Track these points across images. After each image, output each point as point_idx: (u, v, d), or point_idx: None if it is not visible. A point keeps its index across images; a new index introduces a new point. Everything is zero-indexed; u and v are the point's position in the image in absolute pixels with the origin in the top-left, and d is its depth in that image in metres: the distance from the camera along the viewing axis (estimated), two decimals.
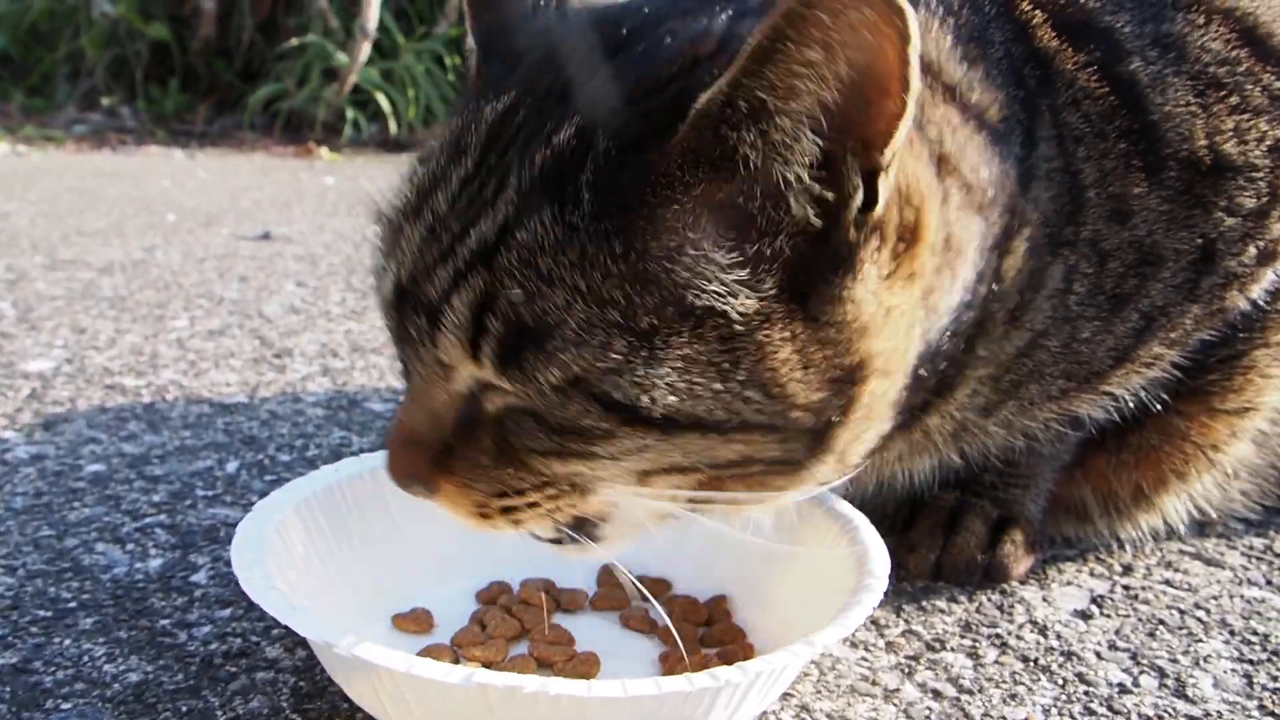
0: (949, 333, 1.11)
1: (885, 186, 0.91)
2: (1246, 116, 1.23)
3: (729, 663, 1.10)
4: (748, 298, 0.93)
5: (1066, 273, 1.21)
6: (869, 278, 0.95)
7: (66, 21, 7.22)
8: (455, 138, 1.03)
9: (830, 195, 0.91)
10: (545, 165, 0.94)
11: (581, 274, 0.91)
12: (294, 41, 6.56)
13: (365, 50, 6.27)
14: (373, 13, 6.13)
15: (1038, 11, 1.22)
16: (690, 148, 0.89)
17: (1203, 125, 1.21)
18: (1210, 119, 1.22)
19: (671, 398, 0.93)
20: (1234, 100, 1.23)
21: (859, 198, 0.91)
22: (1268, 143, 1.23)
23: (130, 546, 1.48)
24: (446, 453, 1.03)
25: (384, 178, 1.10)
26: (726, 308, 0.93)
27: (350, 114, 6.62)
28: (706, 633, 1.27)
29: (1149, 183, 1.21)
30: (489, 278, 0.93)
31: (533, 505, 1.04)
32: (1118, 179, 1.21)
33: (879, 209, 0.92)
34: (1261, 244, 1.26)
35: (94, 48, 7.06)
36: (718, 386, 0.94)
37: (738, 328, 0.93)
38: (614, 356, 0.92)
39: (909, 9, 0.81)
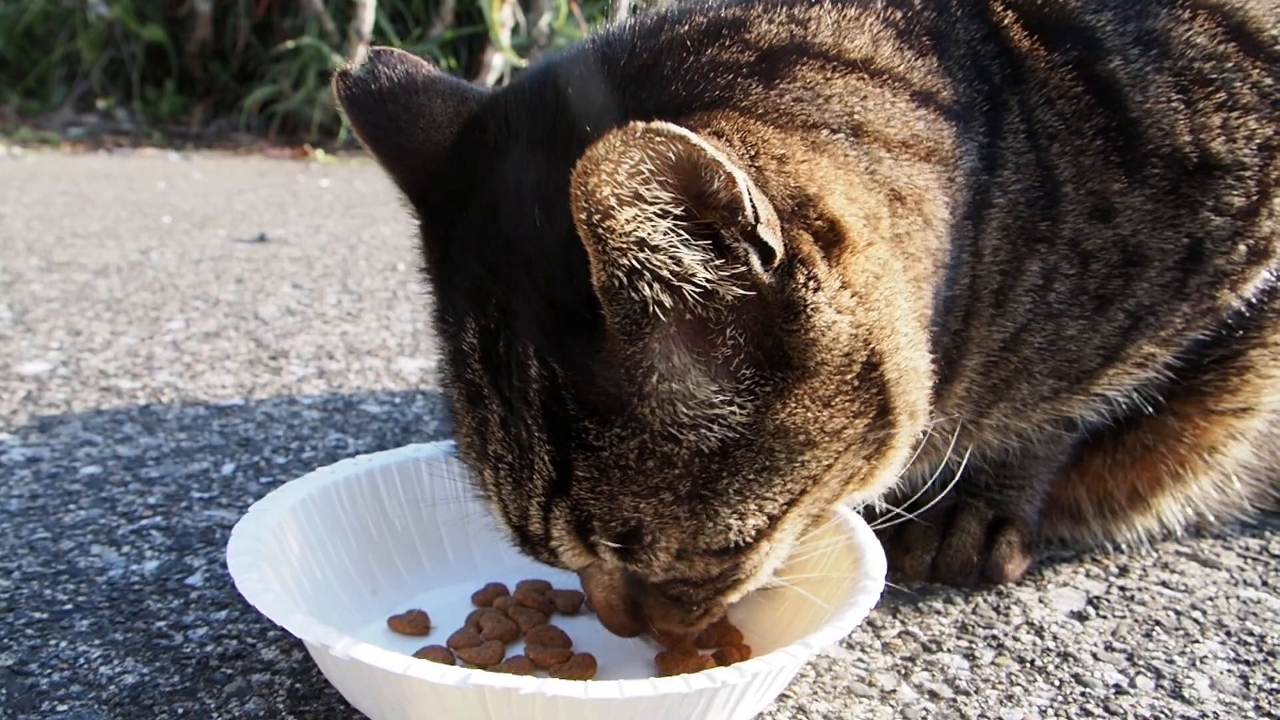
0: (946, 295, 1.14)
1: (768, 232, 0.91)
2: (1235, 113, 1.22)
3: (725, 663, 1.11)
4: (741, 403, 0.96)
5: (1045, 271, 1.22)
6: (820, 302, 0.96)
7: (62, 24, 7.22)
8: (460, 372, 1.07)
9: (738, 268, 0.91)
10: (543, 403, 0.99)
11: (626, 480, 0.98)
12: (289, 44, 6.56)
13: (361, 52, 6.26)
14: (368, 15, 6.13)
15: (1009, 12, 1.23)
16: (621, 323, 0.91)
17: (1187, 122, 1.21)
18: (1196, 116, 1.22)
19: (752, 519, 1.01)
20: (1221, 97, 1.22)
21: (755, 257, 0.91)
22: (1257, 140, 1.23)
23: (126, 549, 1.48)
24: (638, 604, 1.15)
25: (379, 179, 1.11)
26: (734, 427, 0.97)
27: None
28: (702, 633, 1.27)
29: (1129, 180, 1.21)
30: (569, 506, 1.01)
31: (715, 603, 1.13)
32: (1096, 176, 1.21)
33: (778, 251, 0.92)
34: (1251, 241, 1.26)
35: (90, 50, 7.06)
36: (778, 479, 1.01)
37: (751, 434, 0.98)
38: (690, 523, 1.00)
39: (658, 125, 0.82)
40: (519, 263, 1.00)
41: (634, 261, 0.87)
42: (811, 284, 0.95)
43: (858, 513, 1.28)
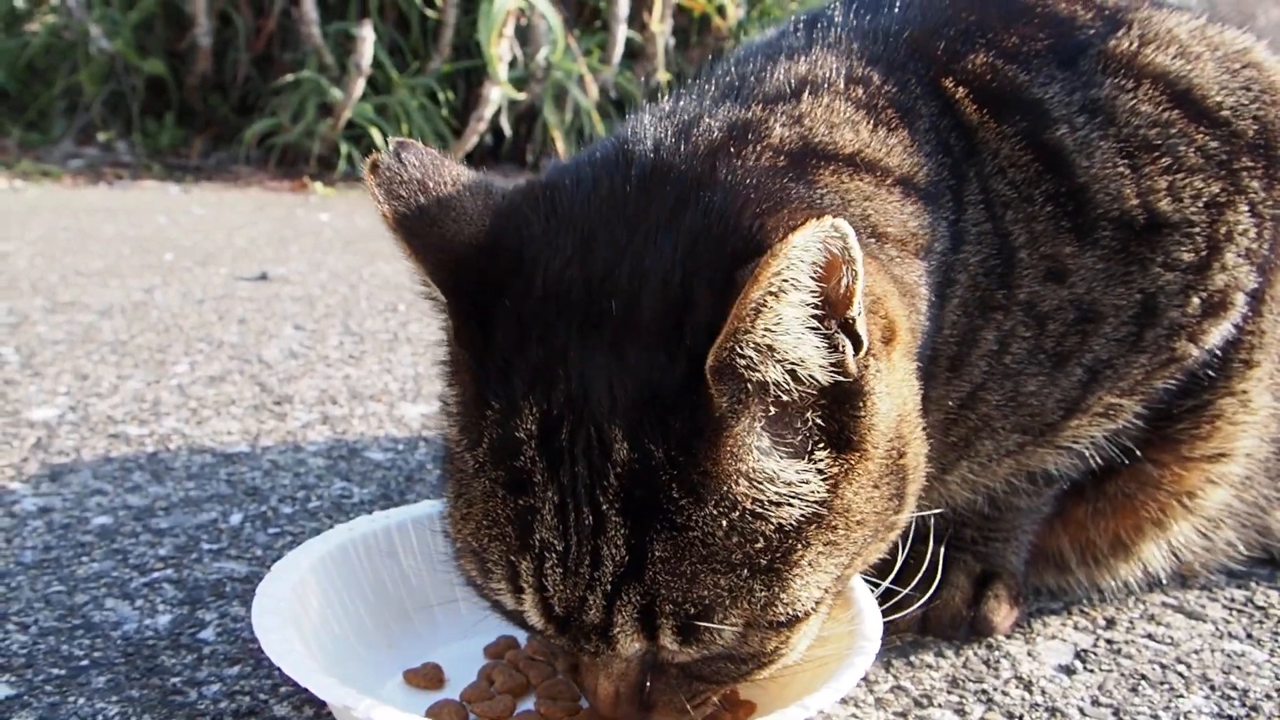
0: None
1: (863, 326, 0.98)
2: (1181, 175, 1.29)
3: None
4: (817, 481, 1.01)
5: (1000, 337, 1.29)
6: (880, 390, 1.03)
7: (64, 57, 7.26)
8: (501, 459, 1.04)
9: (837, 357, 0.98)
10: (628, 487, 0.99)
11: (710, 557, 1.00)
12: (289, 77, 6.61)
13: (359, 86, 6.31)
14: (367, 48, 6.18)
15: (960, 88, 1.30)
16: (729, 404, 0.96)
17: (1133, 185, 1.28)
18: (1142, 179, 1.28)
19: (814, 590, 1.05)
20: (1166, 161, 1.29)
21: (849, 348, 0.98)
22: (1204, 199, 1.30)
23: (139, 602, 1.52)
24: (644, 690, 1.13)
25: (378, 214, 1.11)
26: (810, 504, 1.02)
27: (345, 149, 6.67)
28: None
29: (1080, 243, 1.28)
30: (642, 590, 1.01)
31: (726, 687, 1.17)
32: (1048, 240, 1.28)
33: (865, 343, 0.99)
34: (1205, 294, 1.32)
35: (91, 83, 7.10)
36: (837, 553, 1.05)
37: (823, 510, 1.02)
38: (763, 596, 1.02)
39: (840, 223, 0.89)
40: (602, 350, 1.00)
41: (771, 341, 0.93)
42: (877, 374, 1.03)
43: None
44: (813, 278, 0.92)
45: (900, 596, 1.32)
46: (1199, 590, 1.67)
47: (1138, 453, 1.43)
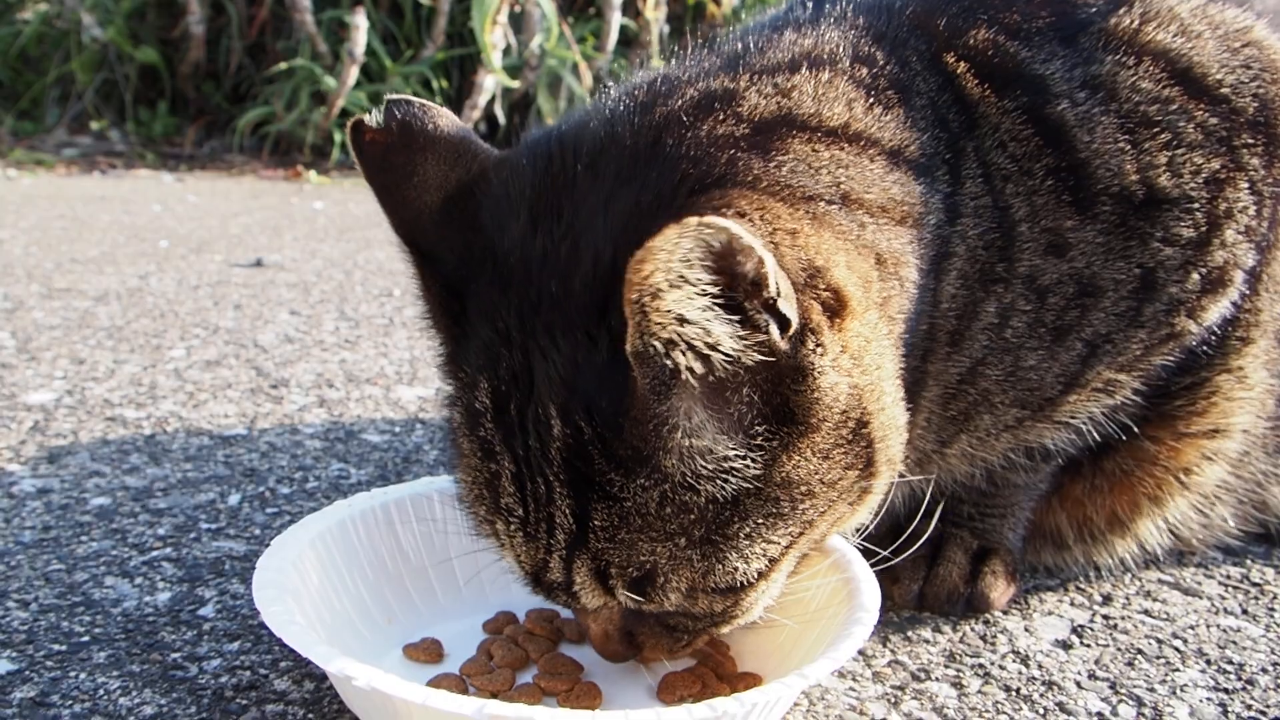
0: (908, 338, 1.20)
1: (787, 305, 0.97)
2: (1180, 151, 1.29)
3: (714, 672, 1.25)
4: (754, 457, 1.03)
5: (1001, 310, 1.29)
6: (824, 365, 1.03)
7: (56, 46, 7.26)
8: (472, 428, 1.13)
9: (759, 337, 0.98)
10: (567, 460, 1.05)
11: (646, 527, 1.05)
12: (282, 65, 6.60)
13: (353, 74, 6.31)
14: (360, 36, 6.18)
15: (962, 63, 1.31)
16: (651, 385, 0.97)
17: (1134, 161, 1.28)
18: (1142, 154, 1.29)
19: (756, 561, 1.09)
20: (1166, 137, 1.29)
21: (774, 327, 0.98)
22: (1203, 175, 1.30)
23: (139, 580, 1.52)
24: (632, 632, 1.21)
25: (372, 201, 1.18)
26: (747, 479, 1.04)
27: (338, 137, 6.66)
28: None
29: (1081, 217, 1.28)
30: (590, 554, 1.08)
31: (704, 636, 1.22)
32: (1049, 214, 1.28)
33: (794, 321, 0.98)
34: (1204, 270, 1.32)
35: (84, 72, 7.09)
36: (781, 525, 1.08)
37: (761, 483, 1.05)
38: (701, 564, 1.07)
39: (709, 219, 0.89)
40: (540, 330, 1.05)
41: (673, 335, 0.93)
42: (819, 349, 1.02)
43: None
44: (707, 269, 0.91)
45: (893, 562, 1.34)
46: (1195, 567, 1.68)
47: (1135, 429, 1.44)
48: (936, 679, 1.34)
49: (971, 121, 1.28)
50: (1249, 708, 1.30)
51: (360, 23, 6.14)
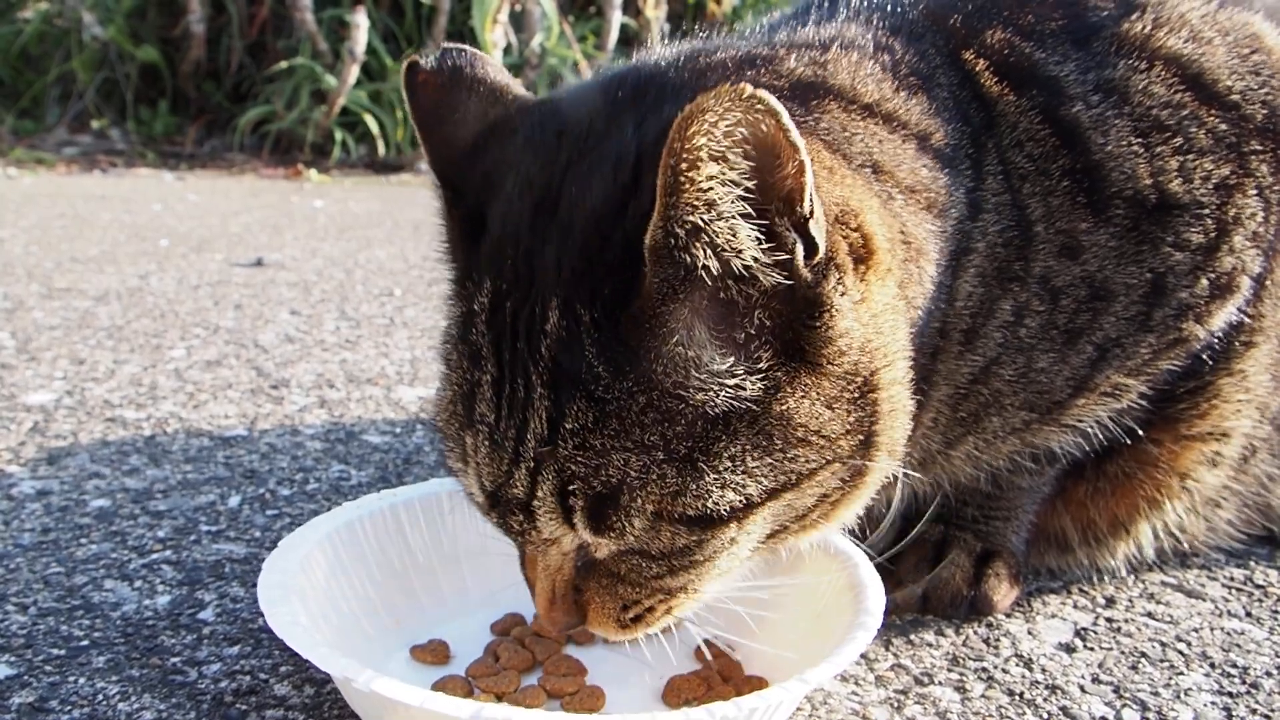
0: (920, 334, 1.19)
1: (817, 229, 0.97)
2: (1191, 156, 1.29)
3: (719, 674, 1.25)
4: (753, 381, 1.01)
5: (1017, 308, 1.28)
6: (844, 307, 1.03)
7: (57, 45, 7.26)
8: (464, 334, 1.12)
9: (782, 256, 0.97)
10: (554, 355, 1.02)
11: (624, 434, 1.01)
12: (283, 64, 6.60)
13: (353, 72, 6.31)
14: (361, 35, 6.17)
15: (980, 60, 1.31)
16: (660, 284, 0.97)
17: (1146, 164, 1.28)
18: (1154, 159, 1.29)
19: (733, 494, 1.04)
20: (1178, 141, 1.29)
21: (800, 249, 0.98)
22: (1213, 181, 1.30)
23: (138, 583, 1.51)
24: (579, 592, 1.16)
25: (373, 200, 1.19)
26: (741, 399, 1.02)
27: (339, 136, 6.67)
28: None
29: (1095, 219, 1.28)
30: (558, 467, 1.03)
31: (656, 610, 1.17)
32: (1064, 215, 1.28)
33: (821, 248, 0.99)
34: (1213, 275, 1.32)
35: (84, 71, 7.09)
36: (768, 462, 1.04)
37: (757, 410, 1.02)
38: (674, 482, 1.02)
39: (762, 93, 0.89)
40: (552, 226, 1.05)
41: (699, 221, 0.93)
42: (840, 288, 1.02)
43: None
44: (742, 156, 0.91)
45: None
46: (1198, 569, 1.67)
47: (1139, 432, 1.43)
48: (939, 683, 1.34)
49: (991, 119, 1.28)
50: (1254, 712, 1.30)
51: (361, 21, 6.14)
